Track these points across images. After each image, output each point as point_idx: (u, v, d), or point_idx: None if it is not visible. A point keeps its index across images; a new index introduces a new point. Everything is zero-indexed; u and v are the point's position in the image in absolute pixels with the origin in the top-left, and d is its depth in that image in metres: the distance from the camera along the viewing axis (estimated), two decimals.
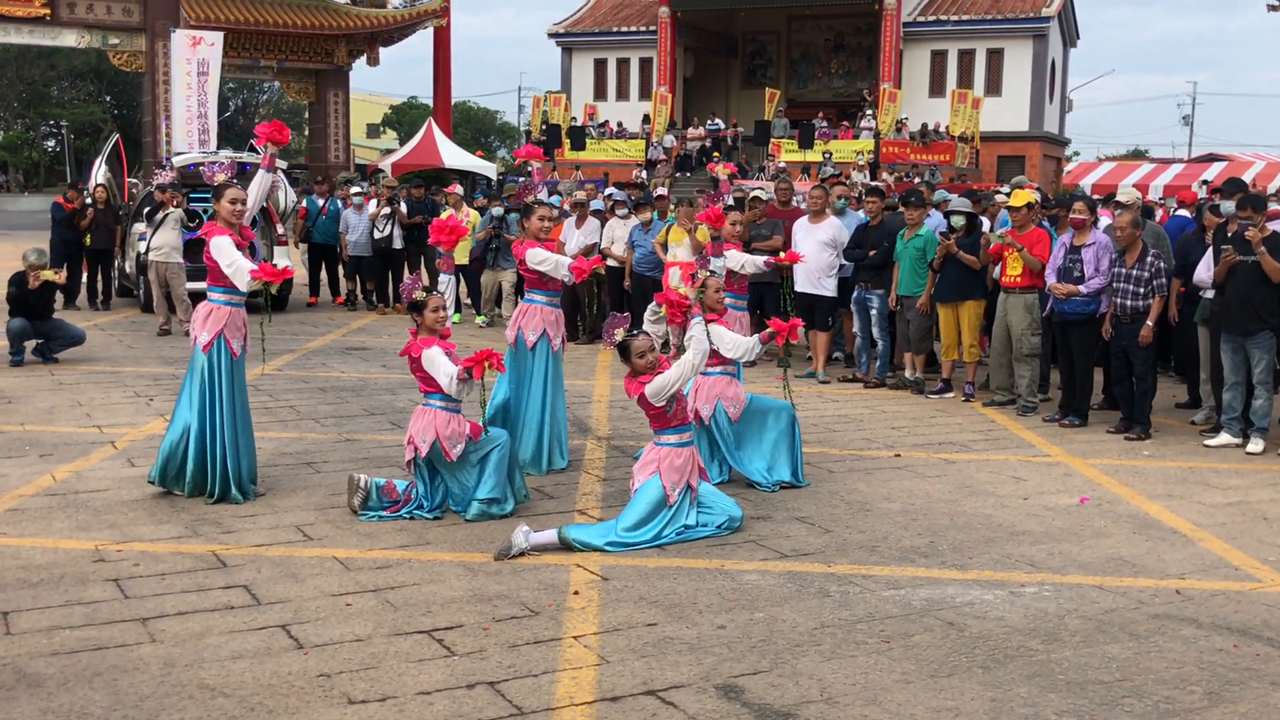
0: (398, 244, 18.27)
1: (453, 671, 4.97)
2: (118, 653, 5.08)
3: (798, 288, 12.91)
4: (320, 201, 19.48)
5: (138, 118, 47.74)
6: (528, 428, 8.55)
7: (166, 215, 15.36)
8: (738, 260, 9.45)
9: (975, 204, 12.65)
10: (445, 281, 9.36)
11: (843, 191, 13.83)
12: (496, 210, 16.58)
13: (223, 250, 7.48)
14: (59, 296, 14.35)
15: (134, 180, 23.04)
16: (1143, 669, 5.16)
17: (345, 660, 5.06)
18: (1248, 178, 23.57)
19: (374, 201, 18.62)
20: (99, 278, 18.34)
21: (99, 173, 18.88)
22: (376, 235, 18.15)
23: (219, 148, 26.43)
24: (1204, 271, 10.41)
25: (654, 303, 7.76)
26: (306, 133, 50.50)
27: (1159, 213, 16.54)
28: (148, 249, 15.57)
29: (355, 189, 19.97)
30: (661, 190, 20.09)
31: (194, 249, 17.14)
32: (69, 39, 40.06)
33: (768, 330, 8.14)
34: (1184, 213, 13.01)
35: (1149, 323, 9.90)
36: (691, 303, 7.56)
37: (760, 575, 6.34)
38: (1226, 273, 9.66)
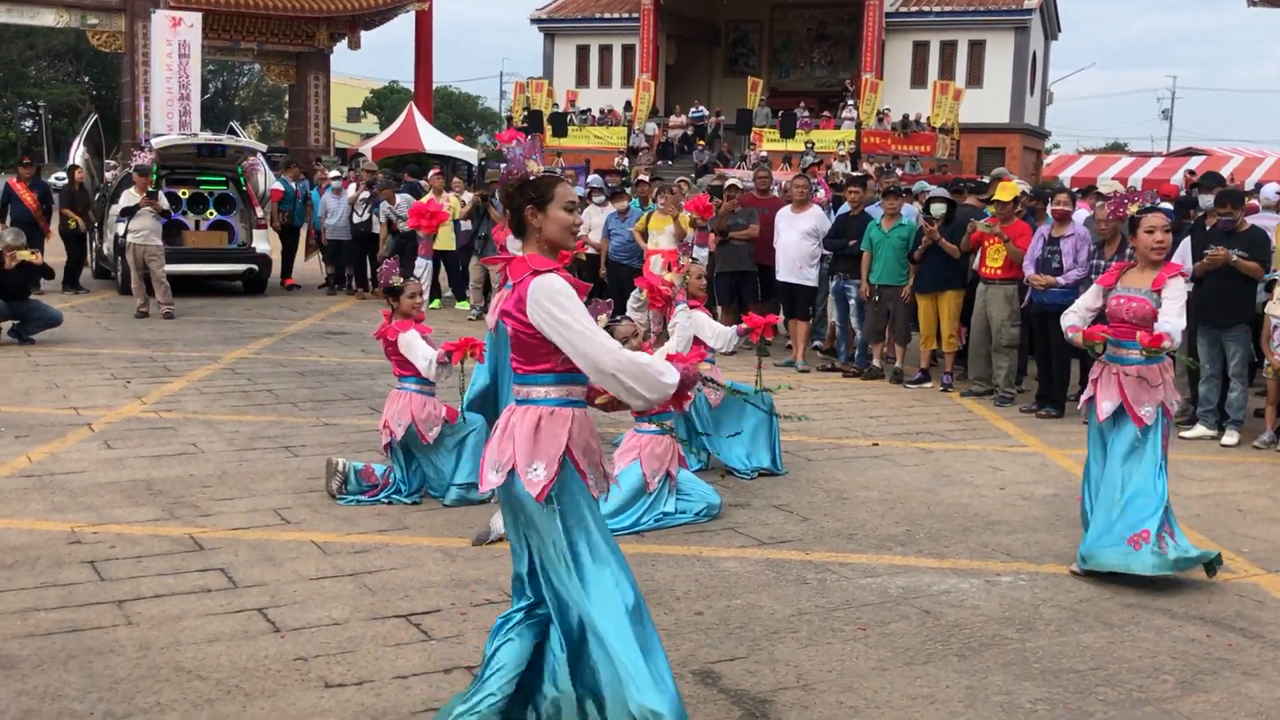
0: (376, 229, 18.14)
1: (430, 656, 4.97)
2: (93, 635, 5.06)
3: (779, 277, 12.94)
4: (293, 185, 19.47)
5: (117, 98, 47.44)
6: None
7: (141, 212, 15.26)
8: (710, 330, 8.26)
9: (959, 194, 12.67)
10: (422, 266, 9.35)
11: (802, 184, 13.50)
12: (467, 196, 16.57)
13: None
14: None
15: (112, 161, 22.88)
16: (1116, 658, 5.19)
17: (322, 644, 5.06)
18: (1225, 172, 23.70)
19: (353, 186, 18.51)
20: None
21: (77, 153, 18.75)
22: (355, 219, 18.03)
23: (200, 129, 26.33)
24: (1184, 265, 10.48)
25: (636, 289, 7.77)
26: (286, 116, 50.26)
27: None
28: (126, 231, 15.48)
29: (333, 173, 19.89)
30: (644, 177, 20.07)
31: (172, 231, 17.12)
32: (48, 18, 39.73)
33: (744, 325, 8.16)
34: (1165, 206, 13.04)
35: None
36: (676, 290, 7.57)
37: (738, 562, 6.36)
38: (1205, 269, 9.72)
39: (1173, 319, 6.11)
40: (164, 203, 16.04)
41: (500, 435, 3.93)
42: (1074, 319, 6.53)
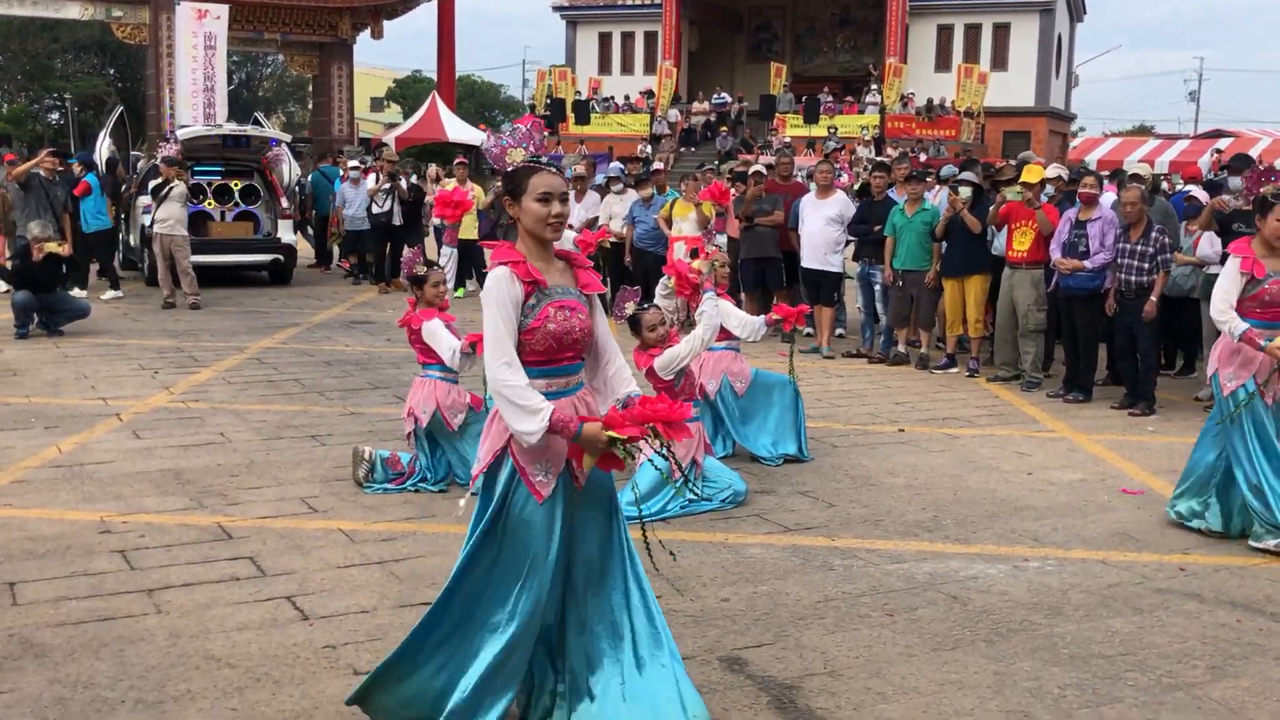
0: (397, 220, 18.13)
1: None
2: (124, 623, 5.10)
3: (804, 263, 12.91)
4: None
5: (142, 91, 47.60)
6: None
7: (172, 189, 15.33)
8: (736, 319, 8.21)
9: (986, 176, 12.61)
10: (447, 255, 9.38)
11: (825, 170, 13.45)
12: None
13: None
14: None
15: (138, 153, 22.99)
16: (1145, 643, 5.17)
17: (350, 631, 5.08)
18: (1254, 153, 23.47)
19: (373, 176, 18.51)
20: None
21: (103, 145, 18.85)
22: (375, 210, 17.98)
23: (226, 120, 26.42)
24: (1208, 248, 10.40)
25: (665, 276, 7.76)
26: (310, 106, 50.39)
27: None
28: (153, 222, 15.56)
29: (353, 163, 19.94)
30: (658, 165, 19.99)
31: (198, 222, 17.21)
32: (73, 11, 39.86)
33: (774, 316, 8.15)
34: (1189, 188, 12.95)
35: (1153, 298, 9.87)
36: (704, 278, 7.57)
37: (764, 549, 6.35)
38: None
39: None
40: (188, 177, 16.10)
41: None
42: (1240, 322, 6.48)
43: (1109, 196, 11.75)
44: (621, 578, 4.07)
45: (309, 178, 21.09)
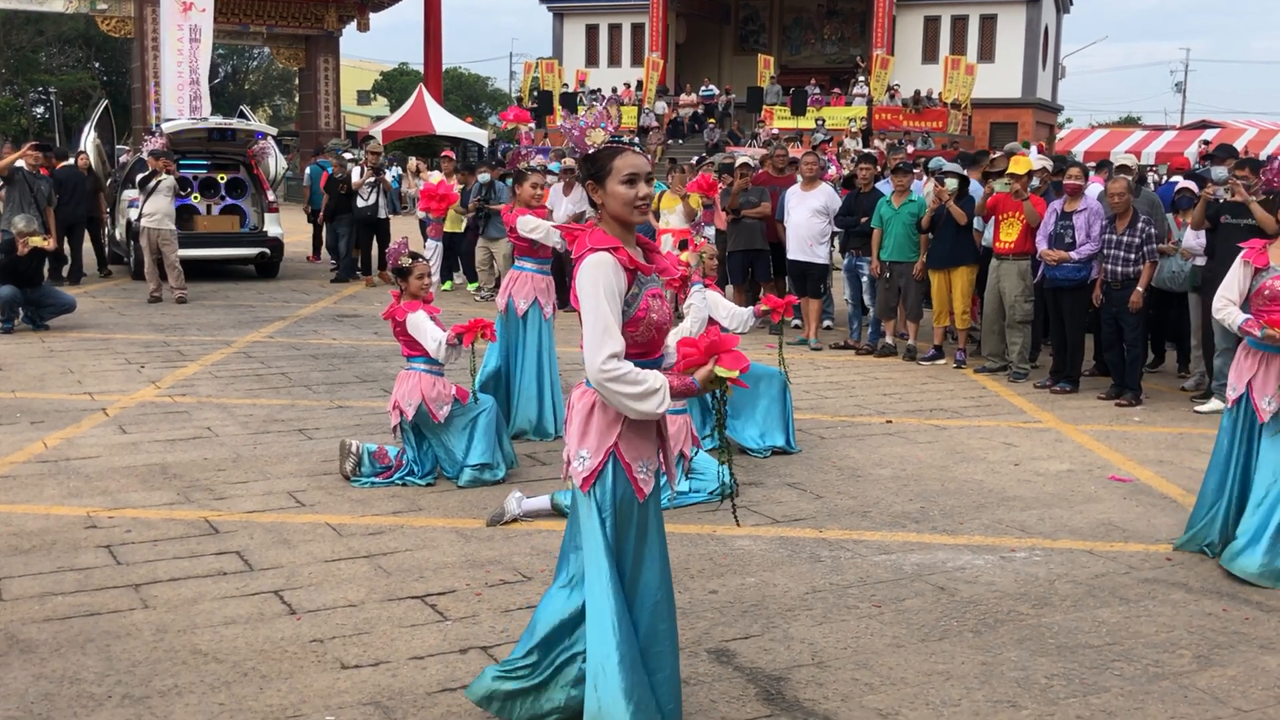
0: (383, 213, 18.08)
1: (445, 636, 4.98)
2: (110, 619, 5.09)
3: (789, 255, 12.91)
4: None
5: (127, 84, 47.45)
6: (524, 395, 8.55)
7: (159, 182, 15.28)
8: (724, 310, 8.09)
9: (973, 167, 12.61)
10: (432, 248, 9.36)
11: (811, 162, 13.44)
12: (484, 177, 16.43)
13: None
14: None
15: (123, 147, 22.92)
16: (1132, 633, 5.18)
17: (338, 625, 5.07)
18: (1239, 145, 23.55)
19: (358, 170, 18.45)
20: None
21: (88, 139, 18.77)
22: (360, 203, 17.93)
23: (210, 114, 26.33)
24: (1193, 240, 10.42)
25: None
26: (296, 99, 50.21)
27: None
28: (140, 215, 15.51)
29: (344, 156, 19.86)
30: (647, 156, 19.96)
31: (184, 216, 17.15)
32: (57, 4, 39.68)
33: (762, 306, 8.15)
34: (1177, 179, 12.97)
35: (1139, 289, 9.89)
36: (692, 270, 7.55)
37: (752, 541, 6.36)
38: (1219, 239, 9.65)
39: None
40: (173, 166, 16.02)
41: (568, 411, 3.87)
42: (1238, 312, 6.03)
43: (1095, 187, 11.77)
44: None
45: (308, 170, 21.01)
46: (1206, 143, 23.73)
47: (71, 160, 17.70)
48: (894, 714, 4.38)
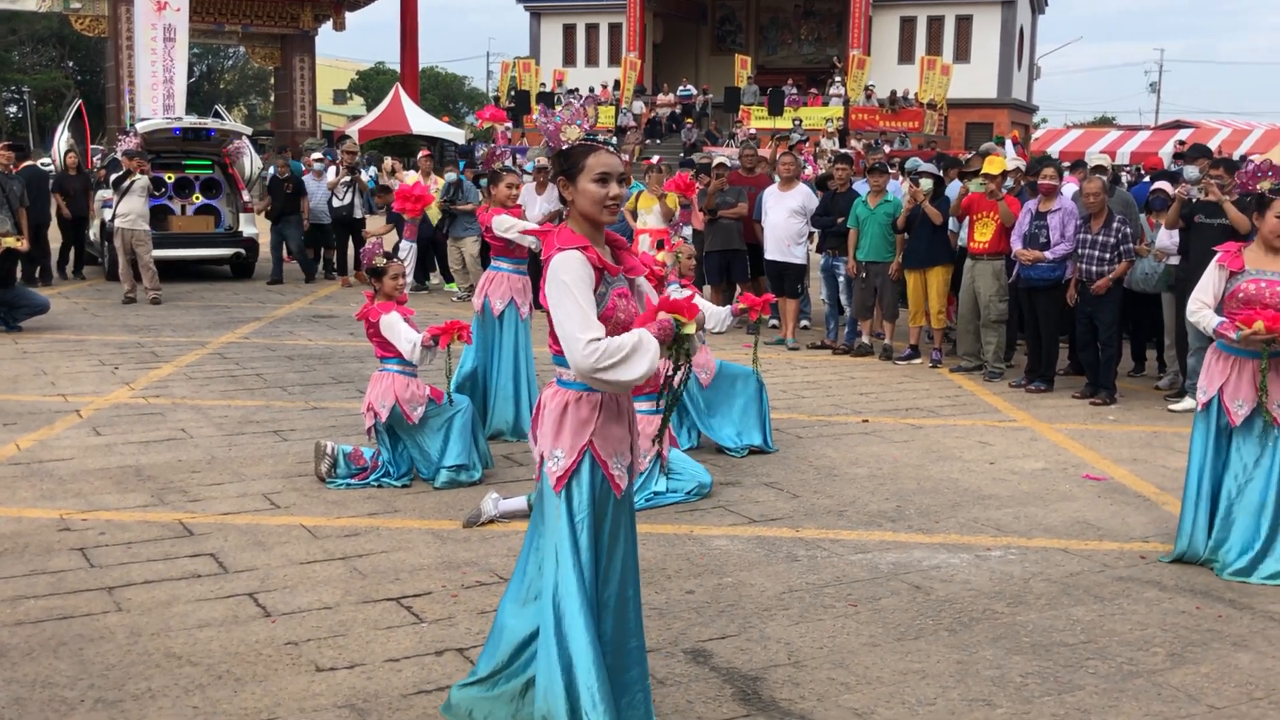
0: (358, 213, 17.99)
1: (421, 638, 4.97)
2: (84, 622, 5.05)
3: (766, 255, 12.92)
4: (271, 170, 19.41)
5: (101, 83, 47.16)
6: (500, 395, 8.54)
7: (133, 182, 15.19)
8: (708, 310, 7.95)
9: (948, 171, 12.65)
10: (406, 249, 9.35)
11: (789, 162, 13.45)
12: (451, 176, 16.34)
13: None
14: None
15: (98, 147, 22.77)
16: (1107, 631, 5.21)
17: (313, 628, 5.05)
18: (1213, 144, 23.67)
19: (333, 169, 18.36)
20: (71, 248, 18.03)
21: (61, 140, 18.64)
22: (335, 204, 17.83)
23: (184, 114, 26.19)
24: (1167, 240, 10.47)
25: None
26: (272, 99, 49.98)
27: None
28: (114, 216, 15.41)
29: (316, 155, 19.74)
30: (624, 156, 19.96)
31: (158, 216, 17.04)
32: (30, 2, 39.44)
33: (740, 305, 8.14)
34: (1148, 179, 13.03)
35: (1109, 279, 9.90)
36: (668, 270, 7.55)
37: (729, 540, 6.36)
38: (1193, 239, 9.71)
39: None
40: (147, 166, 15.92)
41: (536, 412, 3.84)
42: (1213, 315, 5.96)
43: (1070, 187, 11.81)
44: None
45: (270, 170, 20.87)
46: (1182, 143, 23.87)
47: (35, 162, 17.54)
48: (870, 713, 4.39)
